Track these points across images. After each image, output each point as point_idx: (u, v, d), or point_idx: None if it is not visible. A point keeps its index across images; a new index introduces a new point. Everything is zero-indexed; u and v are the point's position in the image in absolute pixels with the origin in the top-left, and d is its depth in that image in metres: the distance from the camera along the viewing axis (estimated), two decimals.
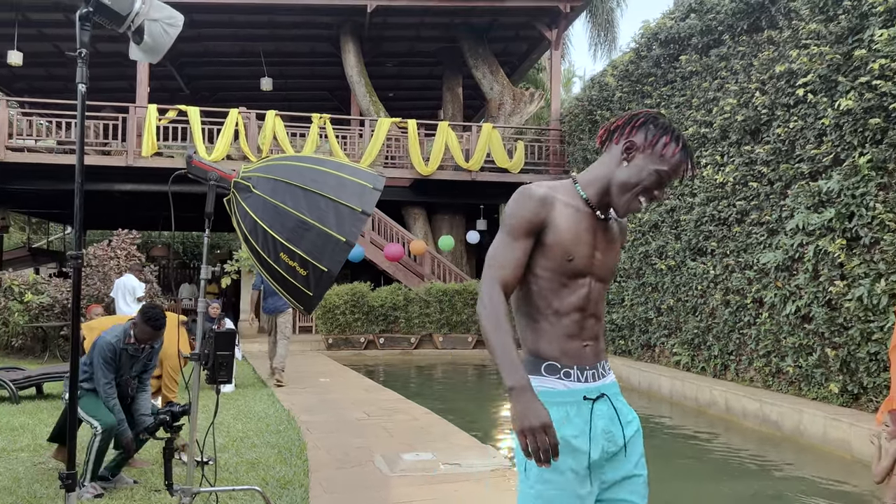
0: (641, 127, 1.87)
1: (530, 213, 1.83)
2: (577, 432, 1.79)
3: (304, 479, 4.76)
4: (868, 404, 6.45)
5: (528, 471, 1.79)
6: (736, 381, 8.54)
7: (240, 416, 7.10)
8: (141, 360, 4.63)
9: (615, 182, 1.87)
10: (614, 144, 1.90)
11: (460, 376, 12.30)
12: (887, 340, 6.07)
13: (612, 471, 1.85)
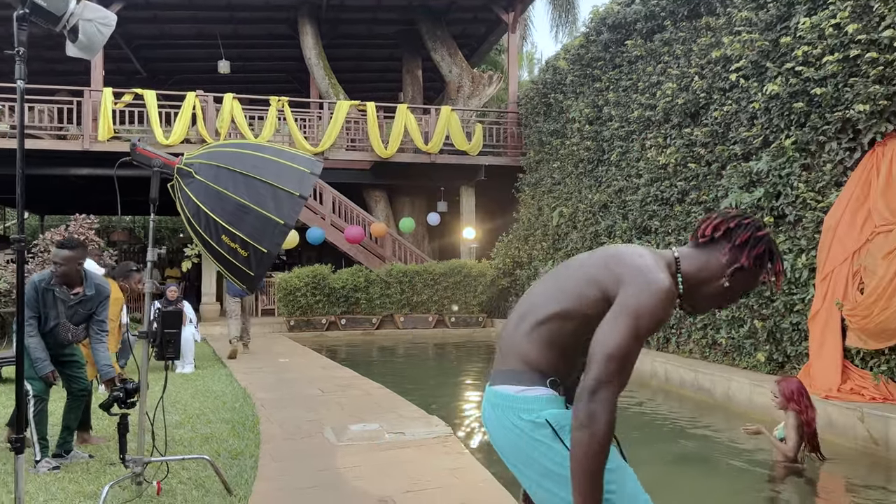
0: (758, 257, 1.89)
1: (667, 316, 1.77)
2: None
3: (255, 450, 5.01)
4: (792, 371, 6.89)
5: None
6: (677, 353, 8.98)
7: (197, 394, 7.30)
8: (73, 306, 4.63)
9: (709, 293, 1.92)
10: (725, 253, 1.90)
11: (420, 354, 12.60)
12: (808, 311, 6.50)
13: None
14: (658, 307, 1.72)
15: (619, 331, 1.69)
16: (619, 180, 10.57)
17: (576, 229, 12.11)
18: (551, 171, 13.50)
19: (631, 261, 1.82)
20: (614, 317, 1.73)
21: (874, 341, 5.73)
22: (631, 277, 1.77)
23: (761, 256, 1.88)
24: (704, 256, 1.91)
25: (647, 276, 1.76)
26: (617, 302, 1.76)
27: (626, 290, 1.75)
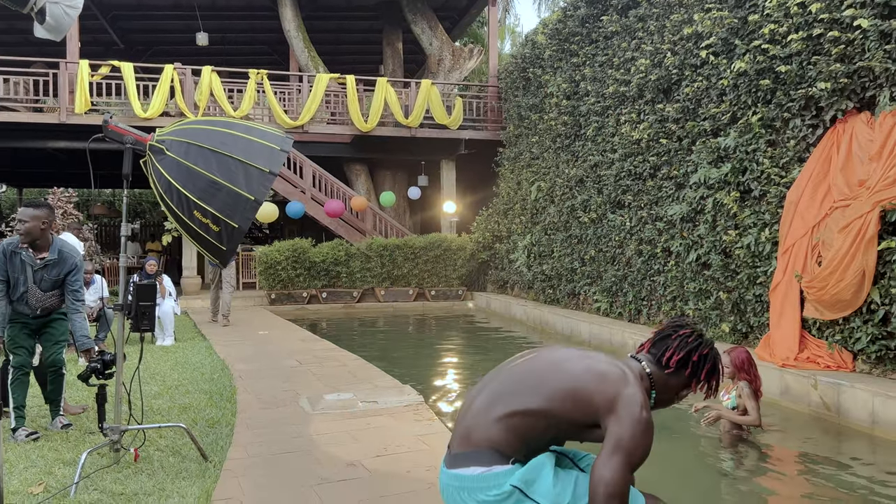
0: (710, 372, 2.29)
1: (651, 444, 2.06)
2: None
3: (232, 418, 5.17)
4: (755, 341, 7.13)
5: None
6: (647, 325, 9.22)
7: (177, 366, 7.44)
8: (39, 271, 4.65)
9: (664, 401, 2.32)
10: (685, 378, 2.27)
11: (401, 327, 12.78)
12: (769, 283, 6.72)
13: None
14: (650, 441, 2.00)
15: (617, 469, 1.89)
16: (594, 155, 10.71)
17: (553, 203, 12.26)
18: (530, 145, 13.60)
19: (621, 388, 2.05)
20: (610, 453, 1.93)
21: (829, 312, 5.96)
22: (624, 410, 2.00)
23: (707, 375, 2.28)
24: (671, 379, 2.27)
25: (640, 411, 2.00)
26: (612, 434, 1.97)
27: (620, 424, 1.97)
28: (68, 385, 6.16)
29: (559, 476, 2.01)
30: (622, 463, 1.89)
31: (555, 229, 12.10)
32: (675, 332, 2.27)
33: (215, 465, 4.07)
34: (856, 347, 5.83)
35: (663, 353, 2.25)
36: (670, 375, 2.25)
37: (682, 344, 2.24)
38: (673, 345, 2.24)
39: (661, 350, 2.26)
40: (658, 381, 2.24)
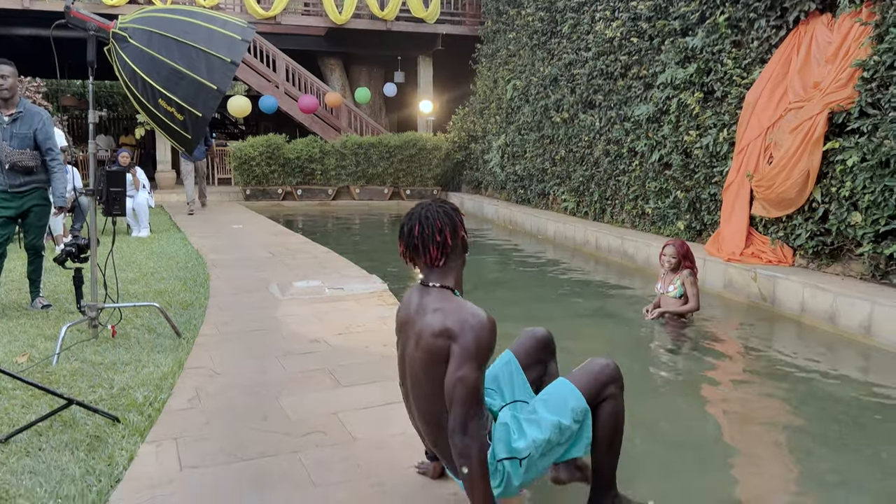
0: (460, 227, 2.25)
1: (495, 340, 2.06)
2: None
3: (204, 301, 5.45)
4: (707, 238, 7.48)
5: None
6: (611, 223, 9.54)
7: (152, 255, 7.67)
8: (8, 126, 4.80)
9: (460, 276, 2.29)
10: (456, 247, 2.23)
11: (375, 224, 13.03)
12: (724, 182, 7.00)
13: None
14: (490, 337, 2.02)
15: (466, 374, 1.96)
16: (569, 53, 10.68)
17: (528, 103, 12.29)
18: (507, 42, 13.44)
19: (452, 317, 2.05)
20: (459, 363, 1.98)
21: (775, 210, 6.27)
22: (459, 328, 2.03)
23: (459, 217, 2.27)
24: (449, 266, 2.22)
25: (473, 320, 2.01)
26: (456, 352, 2.01)
27: (460, 341, 2.01)
28: (46, 271, 6.40)
29: (522, 425, 2.22)
30: (470, 367, 1.97)
31: (528, 129, 12.18)
32: (413, 239, 2.20)
33: (188, 341, 4.37)
34: (796, 243, 6.19)
35: (426, 261, 2.21)
36: (446, 266, 2.21)
37: (424, 242, 2.18)
38: (422, 250, 2.19)
39: (423, 260, 2.22)
40: (451, 279, 2.21)
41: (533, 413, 2.22)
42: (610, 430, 2.28)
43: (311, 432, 2.93)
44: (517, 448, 2.14)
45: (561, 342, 5.31)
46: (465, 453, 1.94)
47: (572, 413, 2.20)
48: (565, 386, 2.26)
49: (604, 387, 2.26)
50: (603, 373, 2.27)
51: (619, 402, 2.29)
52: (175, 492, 2.41)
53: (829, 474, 3.14)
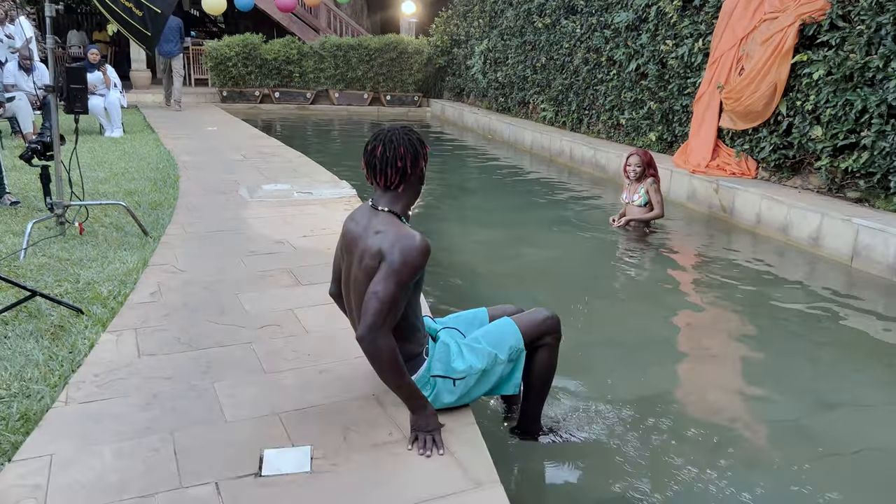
0: (424, 154, 2.23)
1: (425, 264, 2.12)
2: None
3: (173, 202, 5.51)
4: (677, 150, 7.56)
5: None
6: (587, 134, 9.55)
7: (124, 156, 7.64)
8: None
9: (412, 204, 2.30)
10: (413, 176, 2.22)
11: (353, 131, 12.93)
12: (695, 94, 7.00)
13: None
14: (421, 259, 2.08)
15: (383, 288, 2.04)
16: None
17: (511, 6, 11.98)
18: None
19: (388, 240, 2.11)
20: (380, 278, 2.07)
21: (742, 122, 6.33)
22: (390, 248, 2.09)
23: (423, 150, 2.23)
24: (402, 193, 2.23)
25: (406, 244, 2.08)
26: (382, 268, 2.09)
27: (388, 259, 2.08)
28: (15, 169, 6.41)
29: (463, 350, 2.35)
30: (392, 281, 2.06)
31: (511, 34, 11.94)
32: (374, 160, 2.20)
33: (154, 239, 4.46)
34: (759, 156, 6.29)
35: (382, 183, 2.22)
36: (400, 192, 2.23)
37: (383, 164, 2.19)
38: (379, 172, 2.20)
39: (379, 181, 2.23)
40: (400, 204, 2.23)
41: (476, 342, 2.38)
42: (541, 376, 2.48)
43: (267, 325, 3.09)
44: (455, 368, 2.30)
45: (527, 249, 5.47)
46: (373, 356, 2.07)
47: (509, 350, 2.36)
48: (509, 325, 2.41)
49: (542, 335, 2.43)
50: (545, 323, 2.43)
51: (553, 352, 2.46)
52: (131, 375, 2.57)
53: (764, 376, 3.37)
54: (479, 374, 2.32)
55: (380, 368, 2.09)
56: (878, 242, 4.66)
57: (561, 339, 2.50)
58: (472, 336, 2.43)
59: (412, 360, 2.28)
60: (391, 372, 2.09)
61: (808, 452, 2.67)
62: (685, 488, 2.43)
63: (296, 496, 1.89)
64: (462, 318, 2.62)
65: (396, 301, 2.07)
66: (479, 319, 2.61)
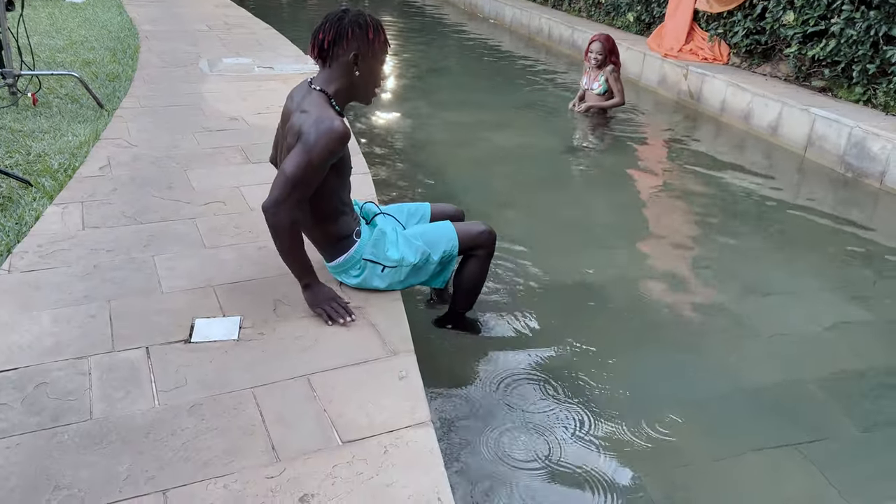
0: (353, 36, 2.14)
1: (340, 149, 2.13)
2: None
3: (131, 74, 5.41)
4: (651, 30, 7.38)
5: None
6: (568, 11, 9.24)
7: (84, 23, 7.38)
8: None
9: (359, 87, 2.22)
10: (340, 56, 2.15)
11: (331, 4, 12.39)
12: None
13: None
14: (334, 145, 2.08)
15: (293, 164, 2.08)
16: None
17: None
18: None
19: (309, 120, 2.11)
20: (293, 156, 2.10)
21: (718, 4, 6.16)
22: (308, 128, 2.09)
23: (356, 34, 2.15)
24: (334, 73, 2.19)
25: (322, 125, 2.08)
26: (296, 145, 2.12)
27: (303, 138, 2.09)
28: None
29: (400, 241, 2.41)
30: (301, 158, 2.10)
31: None
32: (315, 31, 2.22)
33: (109, 113, 4.43)
34: (732, 41, 6.18)
35: (313, 53, 2.23)
36: (330, 67, 2.21)
37: (313, 35, 2.21)
38: (313, 41, 2.21)
39: (312, 52, 2.23)
40: (329, 85, 2.21)
41: (415, 238, 2.45)
42: (468, 284, 2.60)
43: (212, 202, 3.15)
44: (388, 256, 2.38)
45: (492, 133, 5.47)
46: (274, 227, 2.15)
47: (443, 253, 2.45)
48: (449, 230, 2.48)
49: (476, 247, 2.51)
50: (480, 236, 2.50)
51: (483, 265, 2.56)
52: (74, 246, 2.65)
53: (701, 263, 3.52)
54: (409, 268, 2.42)
55: (278, 240, 2.18)
56: (830, 133, 4.71)
57: (493, 254, 2.59)
58: (412, 231, 2.50)
59: (340, 241, 2.37)
60: (288, 246, 2.19)
61: (729, 336, 2.85)
62: (609, 365, 2.62)
63: (220, 361, 2.03)
64: (404, 209, 2.68)
65: (306, 180, 2.12)
66: (422, 214, 2.67)
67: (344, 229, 2.37)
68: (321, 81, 2.24)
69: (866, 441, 2.29)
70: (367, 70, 2.22)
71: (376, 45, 2.20)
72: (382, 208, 2.65)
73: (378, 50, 2.22)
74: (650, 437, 2.24)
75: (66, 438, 1.70)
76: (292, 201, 2.13)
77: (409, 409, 1.86)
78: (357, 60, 2.19)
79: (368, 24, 2.19)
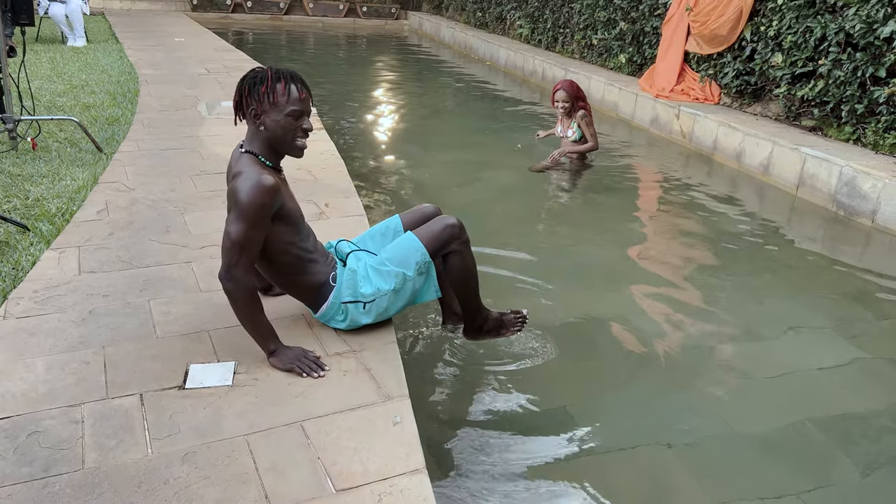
0: (250, 94, 2.17)
1: (269, 199, 2.13)
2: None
3: (131, 118, 5.47)
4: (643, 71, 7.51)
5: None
6: (562, 53, 9.42)
7: (85, 67, 7.49)
8: None
9: (273, 141, 2.22)
10: (248, 116, 2.21)
11: (327, 43, 12.62)
12: (665, 15, 6.91)
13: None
14: (261, 198, 2.11)
15: (231, 228, 2.12)
16: None
17: None
18: None
19: (238, 180, 2.16)
20: (230, 219, 2.14)
21: (708, 46, 6.30)
22: (236, 188, 2.14)
23: (251, 91, 2.19)
24: (251, 129, 2.26)
25: (247, 180, 2.13)
26: (230, 207, 2.17)
27: (234, 197, 2.14)
28: None
29: (370, 273, 2.41)
30: (239, 221, 2.12)
31: None
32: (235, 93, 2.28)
33: (108, 156, 4.47)
34: (723, 81, 6.29)
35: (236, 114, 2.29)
36: (250, 126, 2.26)
37: (233, 97, 2.27)
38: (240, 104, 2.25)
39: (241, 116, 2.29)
40: (252, 143, 2.26)
41: (382, 265, 2.42)
42: (461, 278, 2.53)
43: (208, 245, 3.17)
44: (363, 293, 2.38)
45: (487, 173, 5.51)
46: (230, 294, 2.16)
47: (416, 266, 2.41)
48: (412, 241, 2.43)
49: (446, 244, 2.44)
50: (444, 231, 2.43)
51: (465, 255, 2.49)
52: (70, 291, 2.66)
53: (698, 302, 3.53)
54: (389, 294, 2.40)
55: (237, 307, 2.18)
56: (821, 172, 4.77)
57: (469, 242, 2.50)
58: (379, 258, 2.46)
59: (318, 289, 2.38)
60: (246, 310, 2.20)
61: (724, 376, 2.85)
62: (605, 405, 2.61)
63: (214, 407, 2.03)
64: (376, 232, 2.65)
65: (249, 240, 2.14)
66: (392, 230, 2.62)
67: (317, 277, 2.38)
68: (246, 142, 2.30)
69: (868, 486, 2.27)
70: (271, 124, 2.20)
71: (274, 98, 2.17)
72: (354, 240, 2.63)
73: (277, 102, 2.18)
74: (648, 480, 2.22)
75: (57, 489, 1.68)
76: (243, 264, 2.15)
77: (404, 456, 1.85)
78: (257, 116, 2.21)
79: (265, 79, 2.18)
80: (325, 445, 1.88)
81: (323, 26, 14.25)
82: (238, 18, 13.99)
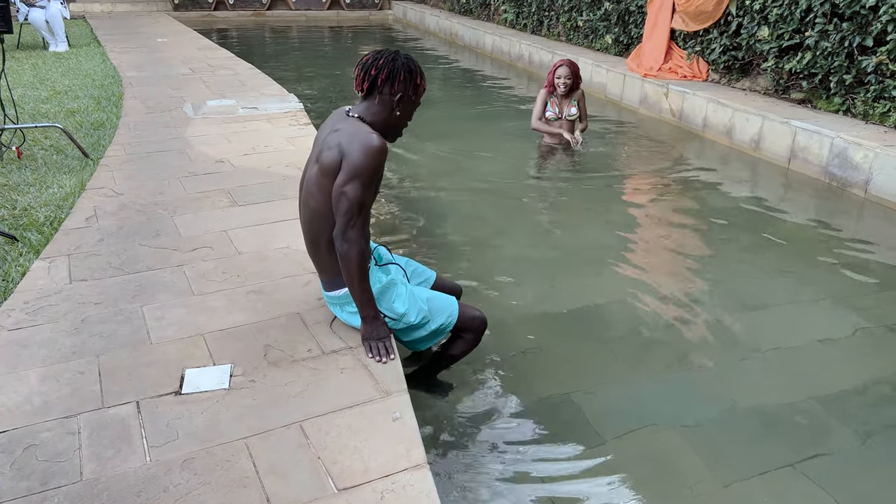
0: (405, 80, 2.23)
1: (383, 166, 2.19)
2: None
3: (116, 122, 5.42)
4: (629, 51, 7.47)
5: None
6: (548, 36, 9.37)
7: (68, 72, 7.41)
8: None
9: (393, 126, 2.30)
10: (386, 94, 2.23)
11: (312, 37, 12.52)
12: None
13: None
14: (376, 161, 2.13)
15: (350, 189, 2.13)
16: None
17: None
18: None
19: (346, 135, 2.18)
20: (345, 178, 2.13)
21: (693, 23, 6.26)
22: (349, 146, 2.15)
23: (406, 79, 2.24)
24: (377, 107, 2.27)
25: (363, 140, 2.14)
26: (344, 167, 2.15)
27: (348, 157, 2.14)
28: None
29: (407, 297, 2.38)
30: (355, 183, 2.13)
31: None
32: (359, 64, 2.30)
33: (94, 162, 4.43)
34: (710, 58, 6.26)
35: (356, 85, 2.30)
36: (372, 100, 2.28)
37: (363, 67, 2.28)
38: (357, 74, 2.28)
39: (355, 83, 2.30)
40: (369, 114, 2.27)
41: (421, 299, 2.42)
42: (452, 355, 2.55)
43: (199, 247, 3.14)
44: (394, 308, 2.36)
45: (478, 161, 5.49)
46: (345, 256, 2.17)
47: (439, 324, 2.42)
48: (453, 306, 2.44)
49: (467, 330, 2.47)
50: (474, 321, 2.47)
51: (468, 346, 2.52)
52: (61, 301, 2.64)
53: (694, 279, 3.51)
54: (407, 326, 2.39)
55: (347, 267, 2.18)
56: (812, 144, 4.75)
57: (479, 343, 2.53)
58: (420, 291, 2.47)
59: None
60: (356, 272, 2.19)
61: (724, 353, 2.84)
62: (606, 389, 2.60)
63: (212, 411, 2.01)
64: (412, 266, 2.66)
65: (364, 201, 2.17)
66: (425, 278, 2.66)
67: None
68: (361, 111, 2.29)
69: (866, 452, 2.28)
70: (405, 112, 2.31)
71: (419, 92, 2.30)
72: (395, 257, 2.62)
73: (418, 96, 2.32)
74: (652, 460, 2.22)
75: (56, 502, 1.67)
76: (359, 226, 2.17)
77: (405, 452, 1.84)
78: (400, 101, 2.27)
79: (418, 71, 2.30)
80: (325, 445, 1.87)
81: (307, 20, 14.15)
82: (220, 16, 13.87)
